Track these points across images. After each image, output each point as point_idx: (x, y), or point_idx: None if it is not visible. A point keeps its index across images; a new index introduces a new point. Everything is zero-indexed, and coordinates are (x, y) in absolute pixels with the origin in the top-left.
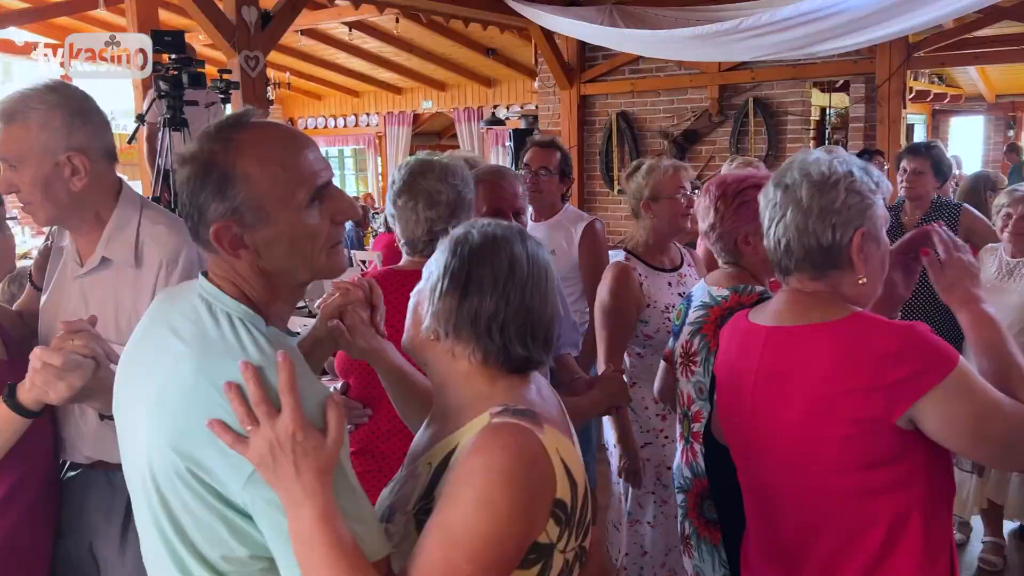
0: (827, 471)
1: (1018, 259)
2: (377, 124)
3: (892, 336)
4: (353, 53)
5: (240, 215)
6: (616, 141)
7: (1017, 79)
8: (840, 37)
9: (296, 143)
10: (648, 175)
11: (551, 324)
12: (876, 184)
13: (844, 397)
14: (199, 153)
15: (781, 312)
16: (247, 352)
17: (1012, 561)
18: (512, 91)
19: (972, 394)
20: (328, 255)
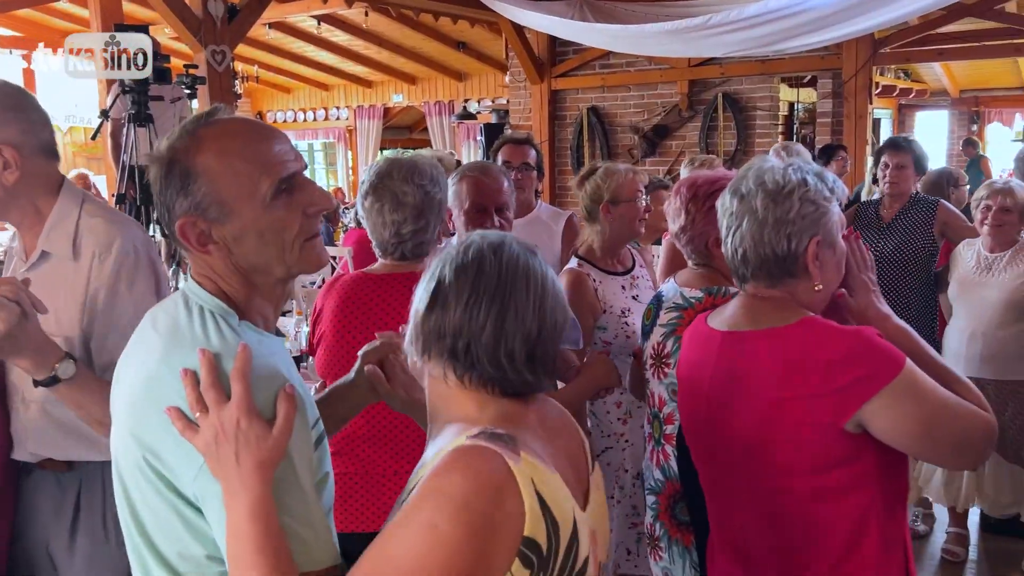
0: (781, 474)
1: (996, 253)
2: (347, 118)
3: (840, 341)
4: (322, 46)
5: (203, 210)
6: (587, 136)
7: (980, 74)
8: (807, 34)
9: (259, 135)
10: (607, 179)
11: (538, 341)
12: (831, 191)
13: (795, 402)
14: (164, 152)
15: (736, 317)
16: (210, 342)
17: (975, 552)
18: (483, 85)
19: (920, 396)
20: (302, 249)
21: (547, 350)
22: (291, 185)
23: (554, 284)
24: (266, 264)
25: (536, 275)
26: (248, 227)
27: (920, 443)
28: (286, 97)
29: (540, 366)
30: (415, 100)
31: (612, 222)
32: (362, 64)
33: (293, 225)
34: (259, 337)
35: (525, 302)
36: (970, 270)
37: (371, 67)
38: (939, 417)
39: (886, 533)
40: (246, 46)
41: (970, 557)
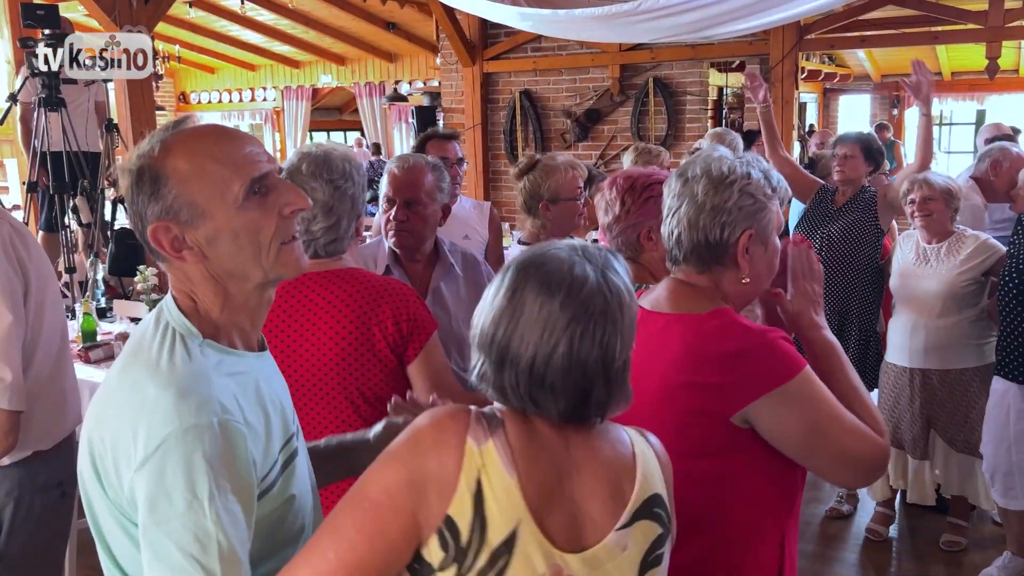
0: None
1: (933, 245)
2: (275, 99)
3: (741, 337)
4: (247, 26)
5: (175, 213)
6: (520, 120)
7: (901, 60)
8: (735, 21)
9: (228, 137)
10: (547, 176)
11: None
12: (773, 189)
13: (685, 387)
14: (133, 162)
15: (659, 299)
16: (160, 364)
17: (898, 530)
18: (415, 67)
19: (809, 404)
20: (279, 252)
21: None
22: (264, 186)
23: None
24: (242, 268)
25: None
26: (222, 229)
27: (800, 450)
28: (210, 77)
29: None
30: (344, 81)
31: (551, 219)
32: (289, 44)
33: (268, 226)
34: (220, 357)
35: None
36: (910, 262)
37: (299, 47)
38: (824, 429)
39: (763, 526)
40: (167, 25)
41: (892, 535)
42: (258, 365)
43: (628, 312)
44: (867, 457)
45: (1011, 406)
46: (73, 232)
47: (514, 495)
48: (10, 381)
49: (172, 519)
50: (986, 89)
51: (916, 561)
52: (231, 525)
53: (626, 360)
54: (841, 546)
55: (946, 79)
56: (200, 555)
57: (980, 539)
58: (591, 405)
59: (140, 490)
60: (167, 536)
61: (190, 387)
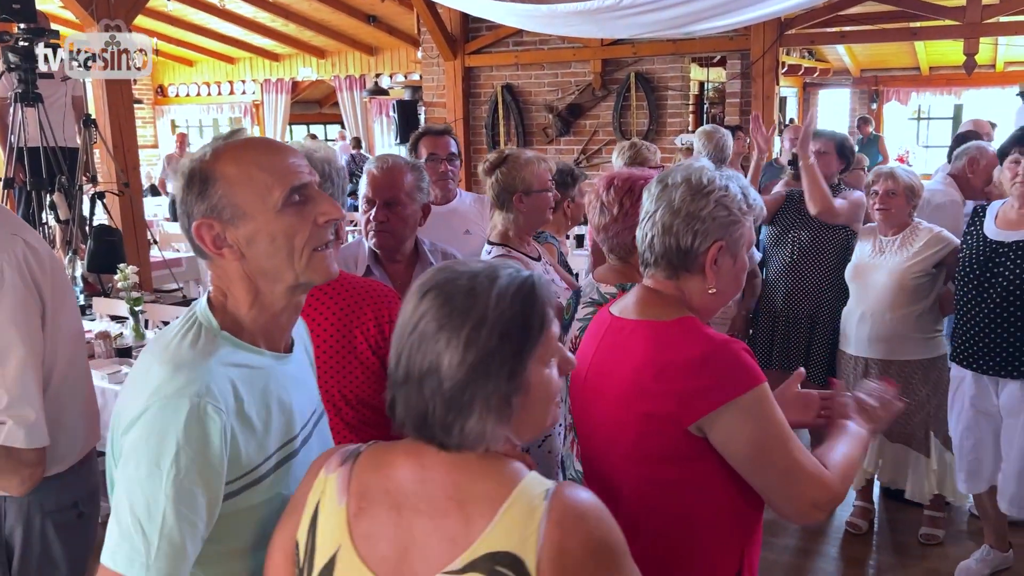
0: (626, 459)
1: (889, 237)
2: (254, 92)
3: (703, 345)
4: (226, 19)
5: (218, 212)
6: (502, 114)
7: (879, 55)
8: (717, 17)
9: (274, 148)
10: (519, 169)
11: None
12: (749, 206)
13: (645, 393)
14: (186, 165)
15: (629, 305)
16: (176, 350)
17: (878, 524)
18: (395, 60)
19: (761, 420)
20: (311, 257)
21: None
22: (303, 195)
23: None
24: (276, 269)
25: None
26: (260, 230)
27: (747, 464)
28: (189, 70)
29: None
30: (325, 74)
31: (524, 211)
32: (269, 37)
33: (303, 232)
34: (233, 350)
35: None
36: (866, 253)
37: (278, 40)
38: (772, 447)
39: (723, 532)
40: (145, 17)
41: (873, 528)
42: (274, 365)
43: (484, 333)
44: (812, 489)
45: (966, 393)
46: (51, 229)
47: (340, 521)
48: (34, 419)
49: (133, 481)
50: (963, 84)
51: (895, 554)
52: (183, 503)
53: (469, 383)
54: (822, 539)
55: (924, 74)
56: (145, 521)
57: (959, 532)
58: (434, 425)
59: (123, 449)
60: (125, 495)
61: (184, 365)
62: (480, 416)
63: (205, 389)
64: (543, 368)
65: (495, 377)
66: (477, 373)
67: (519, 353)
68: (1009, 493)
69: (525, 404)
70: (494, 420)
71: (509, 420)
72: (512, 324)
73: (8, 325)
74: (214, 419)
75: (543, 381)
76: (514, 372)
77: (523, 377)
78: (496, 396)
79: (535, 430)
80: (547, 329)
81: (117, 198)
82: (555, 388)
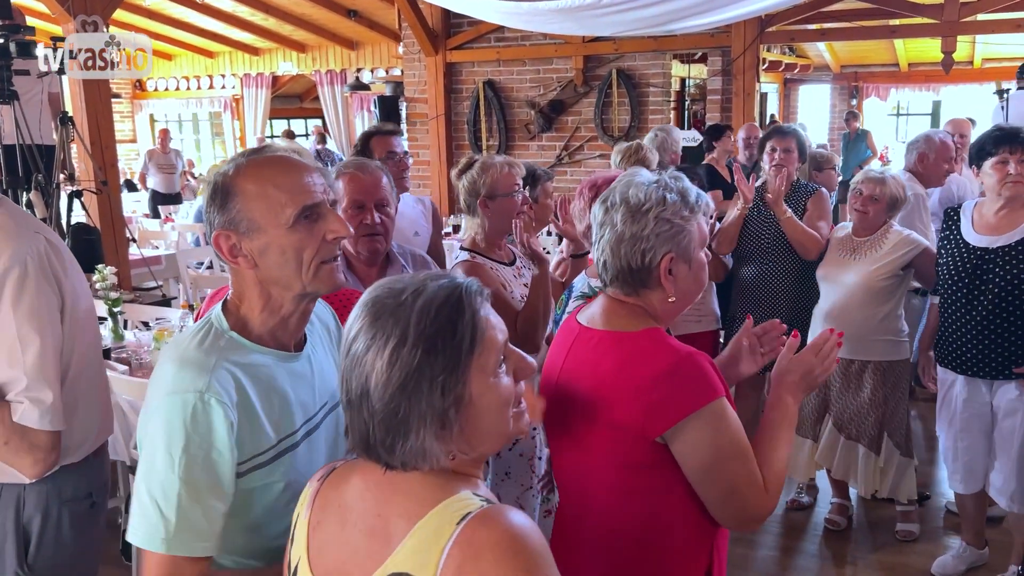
0: (596, 466)
1: (861, 238)
2: (234, 86)
3: (668, 359)
4: (206, 13)
5: (235, 224)
6: (484, 110)
7: (859, 51)
8: (698, 16)
9: (293, 167)
10: (483, 173)
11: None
12: (692, 209)
13: (612, 403)
14: (213, 179)
15: (595, 316)
16: (181, 344)
17: (856, 521)
18: (377, 55)
19: (718, 431)
20: (318, 269)
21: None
22: (314, 213)
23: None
24: (286, 279)
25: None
26: (272, 243)
27: (701, 475)
28: (168, 64)
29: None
30: (305, 69)
31: (490, 216)
32: (248, 31)
33: (311, 247)
34: (241, 348)
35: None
36: (837, 253)
37: (258, 34)
38: (725, 458)
39: (689, 538)
40: (124, 12)
41: (852, 525)
42: (279, 364)
43: (407, 350)
44: (752, 504)
45: (957, 397)
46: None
47: (302, 533)
48: (50, 402)
49: (150, 468)
50: (941, 80)
51: (873, 550)
52: (195, 485)
53: (398, 405)
54: (802, 536)
55: (903, 70)
56: (162, 502)
57: (935, 528)
58: (377, 446)
59: (142, 441)
60: (144, 479)
61: (190, 363)
62: (417, 434)
63: (208, 384)
64: (487, 377)
65: (427, 393)
66: (406, 391)
67: (451, 366)
68: (1010, 490)
69: (470, 417)
70: (432, 437)
71: (451, 435)
72: (437, 338)
73: (31, 317)
74: (217, 410)
75: (489, 390)
76: (448, 386)
77: (460, 390)
78: (431, 412)
79: (493, 440)
80: (483, 338)
81: (95, 196)
82: (507, 395)
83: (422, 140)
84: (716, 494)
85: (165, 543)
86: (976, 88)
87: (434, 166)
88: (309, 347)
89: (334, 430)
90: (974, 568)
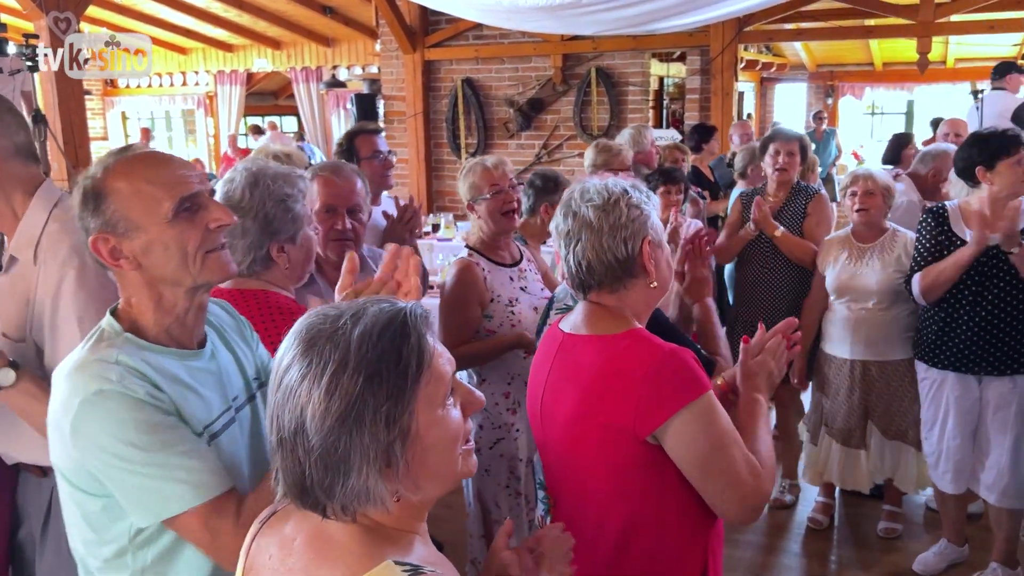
0: (588, 469)
1: (868, 244)
2: (207, 83)
3: (654, 357)
4: (179, 8)
5: (112, 226)
6: (463, 108)
7: (834, 50)
8: (678, 16)
9: (163, 161)
10: (465, 176)
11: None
12: (647, 198)
13: (602, 405)
14: (83, 183)
15: (578, 322)
16: (76, 361)
17: (839, 520)
18: (353, 52)
19: (710, 425)
20: (204, 259)
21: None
22: (194, 204)
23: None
24: (173, 275)
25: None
26: (154, 240)
27: (698, 470)
28: None
29: None
30: (280, 66)
31: (480, 216)
32: (222, 27)
33: (195, 238)
34: (136, 349)
35: None
36: (844, 261)
37: (232, 31)
38: (719, 451)
39: (684, 539)
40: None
41: (834, 524)
42: (180, 362)
43: (347, 377)
44: (752, 492)
45: (949, 395)
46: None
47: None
48: None
49: (118, 462)
50: (915, 80)
51: (856, 549)
52: (168, 446)
53: (338, 439)
54: (785, 535)
55: (878, 69)
56: (158, 471)
57: (917, 526)
58: (315, 488)
59: (85, 452)
60: (126, 473)
61: (87, 364)
62: (360, 472)
63: (117, 374)
64: (435, 409)
65: (370, 425)
66: (347, 423)
67: (396, 395)
68: (1001, 485)
69: (416, 453)
70: (377, 475)
71: (396, 474)
72: (381, 363)
73: (89, 303)
74: (135, 390)
75: (437, 424)
76: (393, 417)
77: (407, 421)
78: (375, 447)
79: (441, 480)
80: (430, 366)
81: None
82: (455, 430)
83: (400, 138)
84: (716, 486)
85: (194, 494)
86: (949, 87)
87: (412, 164)
88: (210, 344)
89: (250, 425)
90: (955, 565)
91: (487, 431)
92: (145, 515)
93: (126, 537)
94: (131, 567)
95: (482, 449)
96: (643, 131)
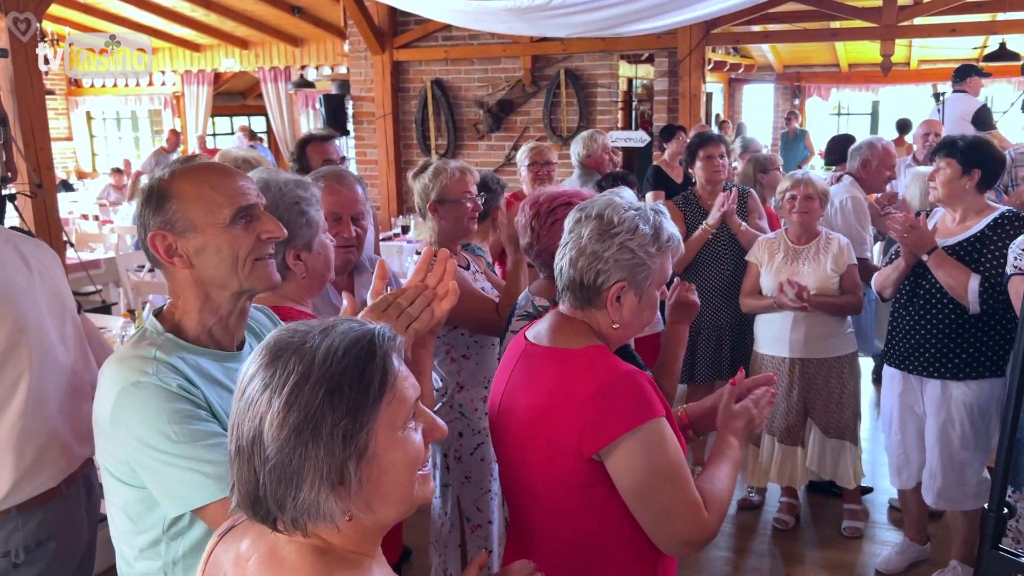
0: (537, 482)
1: (802, 245)
2: (174, 83)
3: (606, 377)
4: (144, 7)
5: (172, 224)
6: (432, 109)
7: (801, 52)
8: (646, 20)
9: (226, 171)
10: (435, 178)
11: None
12: (661, 248)
13: (550, 420)
14: (148, 183)
15: (542, 332)
16: (120, 355)
17: (804, 519)
18: (321, 52)
19: (653, 453)
20: (253, 266)
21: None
22: (249, 214)
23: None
24: (222, 278)
25: None
26: (208, 242)
27: (634, 496)
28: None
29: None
30: (248, 66)
31: (440, 220)
32: (189, 27)
33: (246, 245)
34: (175, 348)
35: None
36: (780, 262)
37: (199, 30)
38: (660, 481)
39: (630, 553)
40: (59, 6)
41: (800, 524)
42: (218, 363)
43: (308, 389)
44: (687, 527)
45: (895, 391)
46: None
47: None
48: None
49: (151, 450)
50: (880, 81)
51: (821, 548)
52: (199, 436)
53: (296, 447)
54: (752, 536)
55: (844, 71)
56: (186, 462)
57: (880, 524)
58: (268, 499)
59: (120, 439)
60: (158, 463)
61: (128, 358)
62: (311, 486)
63: (156, 368)
64: (395, 431)
65: (326, 440)
66: (303, 436)
67: (355, 412)
68: (936, 487)
69: (372, 473)
70: (328, 491)
71: (348, 492)
72: (343, 380)
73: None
74: (168, 383)
75: (395, 446)
76: (350, 434)
77: (364, 440)
78: (329, 462)
79: (395, 504)
80: (393, 388)
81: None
82: (414, 454)
83: (369, 139)
84: (649, 515)
85: (218, 486)
86: (913, 88)
87: (382, 165)
88: (248, 347)
89: None
90: (917, 563)
91: (467, 437)
92: (174, 504)
93: (160, 528)
94: (164, 558)
95: (463, 456)
96: (595, 136)
